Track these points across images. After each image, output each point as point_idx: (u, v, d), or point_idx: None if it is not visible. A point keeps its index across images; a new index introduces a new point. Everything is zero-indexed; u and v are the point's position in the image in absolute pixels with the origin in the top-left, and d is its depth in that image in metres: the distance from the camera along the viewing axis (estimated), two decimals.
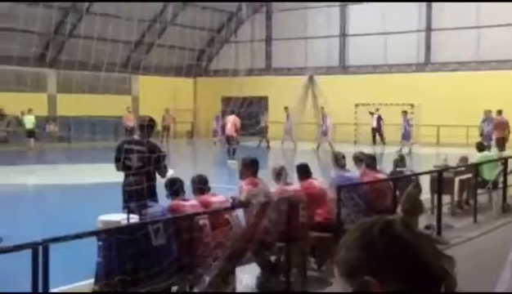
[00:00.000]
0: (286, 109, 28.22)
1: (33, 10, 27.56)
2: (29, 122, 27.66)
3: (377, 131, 30.14)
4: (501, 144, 22.43)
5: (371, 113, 30.31)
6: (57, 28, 31.66)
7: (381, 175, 9.33)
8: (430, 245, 1.38)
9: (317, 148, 25.03)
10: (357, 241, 1.39)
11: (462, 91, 29.62)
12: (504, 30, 29.83)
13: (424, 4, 33.00)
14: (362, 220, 1.45)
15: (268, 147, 28.55)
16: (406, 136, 26.59)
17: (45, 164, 23.07)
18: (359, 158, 9.36)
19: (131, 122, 30.57)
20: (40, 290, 4.48)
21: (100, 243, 5.92)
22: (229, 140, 23.42)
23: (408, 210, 6.90)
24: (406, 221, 1.42)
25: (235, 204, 7.17)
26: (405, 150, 24.53)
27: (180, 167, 19.15)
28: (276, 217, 7.04)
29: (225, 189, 7.81)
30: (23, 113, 29.10)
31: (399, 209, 8.63)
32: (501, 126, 23.17)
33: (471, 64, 30.77)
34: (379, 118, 29.94)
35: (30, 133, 27.83)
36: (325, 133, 26.37)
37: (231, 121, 24.07)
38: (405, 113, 27.22)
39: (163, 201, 6.90)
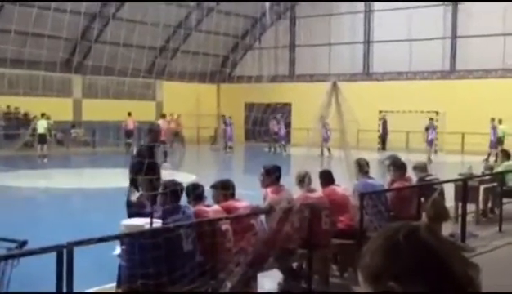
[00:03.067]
0: (322, 118, 28.23)
1: (61, 15, 27.91)
2: (41, 126, 27.33)
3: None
4: None
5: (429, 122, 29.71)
6: (84, 34, 32.06)
7: (408, 183, 9.27)
8: (456, 252, 1.37)
9: (321, 154, 25.34)
10: (381, 246, 1.38)
11: (487, 98, 29.30)
12: None
13: (449, 11, 32.75)
14: (387, 226, 1.45)
15: (275, 152, 29.05)
16: (430, 143, 26.33)
17: (68, 168, 23.29)
18: (395, 164, 9.26)
19: (131, 125, 31.02)
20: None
21: (123, 247, 5.97)
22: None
23: (433, 216, 6.84)
24: (432, 227, 1.41)
25: (259, 210, 7.17)
26: (432, 157, 24.64)
27: (203, 173, 19.25)
28: (298, 224, 7.03)
29: (248, 195, 7.81)
30: (35, 118, 29.34)
31: (424, 216, 8.55)
32: None
33: (497, 71, 30.43)
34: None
35: (41, 138, 26.85)
36: (326, 140, 26.98)
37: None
38: (432, 120, 26.85)
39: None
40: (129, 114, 31.39)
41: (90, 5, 30.29)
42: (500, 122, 26.29)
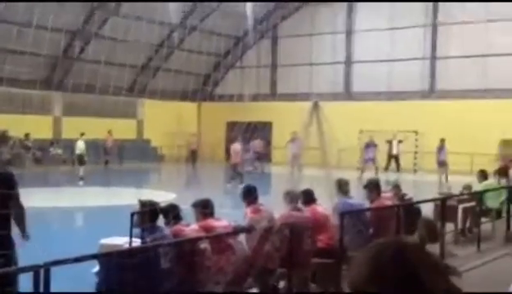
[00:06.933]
0: (294, 133, 28.45)
1: (42, 33, 27.85)
2: (80, 147, 25.84)
3: (395, 158, 29.99)
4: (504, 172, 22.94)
5: (388, 141, 30.11)
6: (65, 51, 31.93)
7: (387, 202, 9.32)
8: (440, 275, 1.37)
9: (292, 172, 25.51)
10: (368, 262, 1.39)
11: (466, 118, 29.64)
12: (508, 59, 29.94)
13: (429, 31, 33.18)
14: (378, 241, 1.45)
15: (262, 172, 29.00)
16: (441, 163, 26.29)
17: (46, 187, 23.06)
18: (371, 185, 9.29)
19: (109, 143, 31.02)
20: None
21: (100, 266, 5.92)
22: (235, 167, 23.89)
23: (425, 236, 6.88)
24: (421, 247, 1.42)
25: (239, 229, 7.16)
26: (442, 178, 25.19)
27: (185, 192, 19.18)
28: (278, 243, 7.03)
29: (229, 214, 7.81)
30: (27, 136, 29.07)
31: (416, 236, 8.57)
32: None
33: (476, 92, 30.83)
34: (399, 144, 29.91)
35: (80, 159, 25.22)
36: (295, 157, 27.26)
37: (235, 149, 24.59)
38: (442, 141, 26.84)
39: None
40: (109, 132, 31.29)
41: (71, 22, 30.25)
42: None
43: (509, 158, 24.33)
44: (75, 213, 17.77)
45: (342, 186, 8.77)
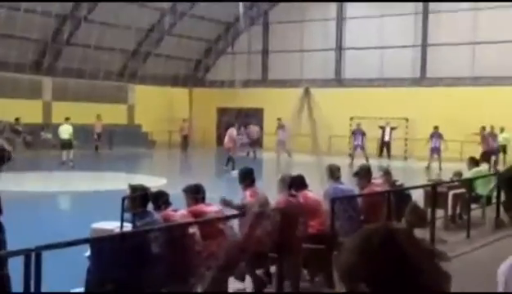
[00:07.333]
0: (280, 120, 28.57)
1: (31, 16, 27.61)
2: (67, 132, 25.69)
3: (386, 144, 30.19)
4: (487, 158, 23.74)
5: (381, 127, 30.28)
6: (55, 36, 31.66)
7: (378, 189, 9.34)
8: (428, 260, 1.37)
9: (286, 157, 25.55)
10: (358, 246, 1.39)
11: (457, 106, 29.74)
12: (498, 47, 30.02)
13: (420, 19, 33.18)
14: (368, 226, 1.46)
15: (255, 158, 28.92)
16: (436, 151, 26.37)
17: (36, 171, 22.97)
18: (361, 171, 9.32)
19: (99, 128, 30.87)
20: None
21: (92, 251, 5.91)
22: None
23: (412, 222, 6.91)
24: (410, 233, 1.42)
25: (234, 208, 7.23)
26: (434, 165, 25.30)
27: (176, 177, 19.18)
28: (270, 228, 7.04)
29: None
30: (18, 120, 28.89)
31: (403, 221, 8.62)
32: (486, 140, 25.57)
33: (466, 79, 30.91)
34: (391, 131, 30.09)
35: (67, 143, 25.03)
36: (281, 143, 27.42)
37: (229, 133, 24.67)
38: (436, 128, 26.85)
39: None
40: (98, 117, 31.11)
41: (61, 6, 29.96)
42: (502, 130, 26.67)
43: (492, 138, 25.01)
44: (66, 198, 17.74)
45: (333, 172, 8.78)
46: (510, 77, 29.76)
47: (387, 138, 30.18)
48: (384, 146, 30.27)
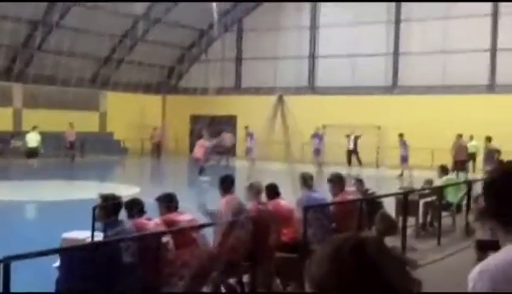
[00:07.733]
0: (247, 128, 28.86)
1: (1, 22, 27.27)
2: (35, 139, 25.68)
3: (353, 152, 30.56)
4: (461, 167, 24.08)
5: (347, 136, 30.68)
6: (26, 42, 31.27)
7: (350, 197, 9.38)
8: (399, 267, 1.38)
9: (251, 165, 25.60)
10: (327, 257, 1.39)
11: (428, 114, 30.09)
12: (469, 56, 30.48)
13: (392, 27, 33.54)
14: (336, 236, 1.46)
15: (227, 166, 28.87)
16: (403, 159, 26.70)
17: (5, 180, 22.63)
18: (334, 179, 9.35)
19: (72, 136, 30.56)
20: None
21: (61, 261, 5.83)
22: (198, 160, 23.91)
23: (382, 230, 6.95)
24: (380, 241, 1.42)
25: (202, 224, 7.15)
26: (406, 173, 25.64)
27: (149, 185, 19.05)
28: (245, 236, 7.03)
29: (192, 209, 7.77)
30: None
31: (373, 229, 8.68)
32: (461, 149, 25.69)
33: (437, 88, 31.29)
34: (356, 140, 30.47)
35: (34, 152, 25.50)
36: (249, 151, 27.71)
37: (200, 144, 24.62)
38: (401, 136, 27.16)
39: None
40: (71, 125, 30.77)
41: (32, 12, 29.63)
42: (471, 138, 26.95)
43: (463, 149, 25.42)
44: (37, 207, 17.49)
45: (306, 180, 8.80)
46: (481, 85, 30.25)
47: (351, 146, 30.56)
48: (352, 154, 30.58)
